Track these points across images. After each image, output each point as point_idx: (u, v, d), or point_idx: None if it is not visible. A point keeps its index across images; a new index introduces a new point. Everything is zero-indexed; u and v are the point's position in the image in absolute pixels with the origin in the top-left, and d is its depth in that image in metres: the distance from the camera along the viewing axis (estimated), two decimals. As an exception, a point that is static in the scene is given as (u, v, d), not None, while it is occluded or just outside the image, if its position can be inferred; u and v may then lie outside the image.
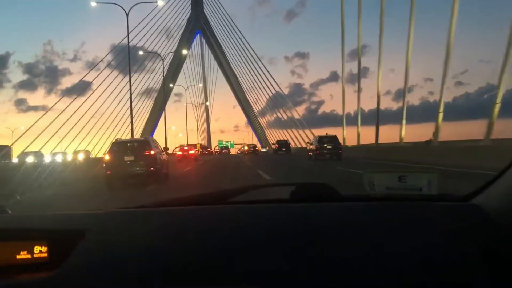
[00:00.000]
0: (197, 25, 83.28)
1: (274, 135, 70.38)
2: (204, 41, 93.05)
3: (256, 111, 76.09)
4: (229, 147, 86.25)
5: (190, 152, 32.49)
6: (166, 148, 17.57)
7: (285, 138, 55.95)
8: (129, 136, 30.33)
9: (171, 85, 64.48)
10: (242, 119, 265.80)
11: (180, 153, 32.29)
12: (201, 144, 79.86)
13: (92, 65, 50.20)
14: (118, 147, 12.07)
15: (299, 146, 55.48)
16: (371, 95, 60.77)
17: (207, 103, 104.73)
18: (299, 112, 62.85)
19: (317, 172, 14.56)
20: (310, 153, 26.25)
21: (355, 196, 1.20)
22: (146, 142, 12.25)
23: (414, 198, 1.13)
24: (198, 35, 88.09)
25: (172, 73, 69.72)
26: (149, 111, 65.93)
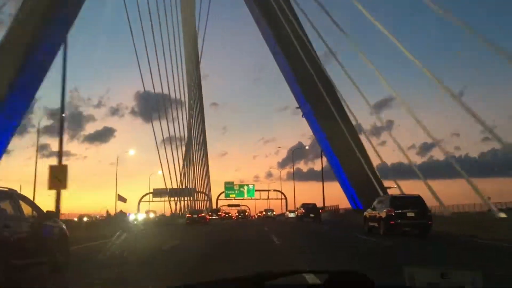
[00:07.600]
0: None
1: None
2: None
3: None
4: (246, 210, 57.38)
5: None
6: (50, 212, 7.48)
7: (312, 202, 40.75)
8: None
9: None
10: (263, 168, 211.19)
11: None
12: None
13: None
14: None
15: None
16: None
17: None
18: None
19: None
20: (373, 224, 15.68)
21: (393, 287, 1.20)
22: None
23: None
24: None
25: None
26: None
